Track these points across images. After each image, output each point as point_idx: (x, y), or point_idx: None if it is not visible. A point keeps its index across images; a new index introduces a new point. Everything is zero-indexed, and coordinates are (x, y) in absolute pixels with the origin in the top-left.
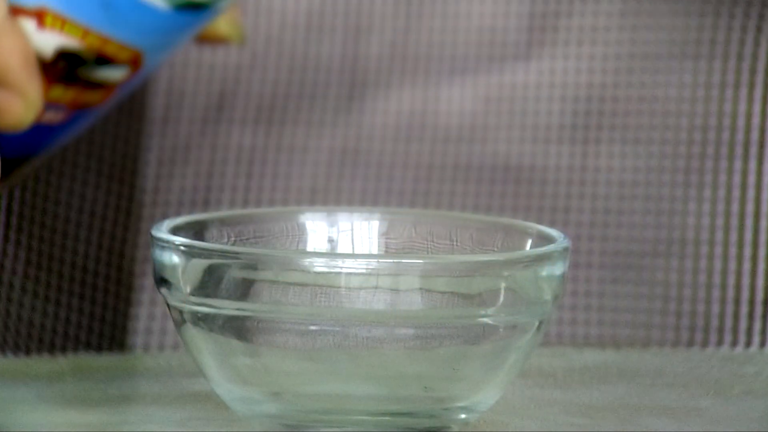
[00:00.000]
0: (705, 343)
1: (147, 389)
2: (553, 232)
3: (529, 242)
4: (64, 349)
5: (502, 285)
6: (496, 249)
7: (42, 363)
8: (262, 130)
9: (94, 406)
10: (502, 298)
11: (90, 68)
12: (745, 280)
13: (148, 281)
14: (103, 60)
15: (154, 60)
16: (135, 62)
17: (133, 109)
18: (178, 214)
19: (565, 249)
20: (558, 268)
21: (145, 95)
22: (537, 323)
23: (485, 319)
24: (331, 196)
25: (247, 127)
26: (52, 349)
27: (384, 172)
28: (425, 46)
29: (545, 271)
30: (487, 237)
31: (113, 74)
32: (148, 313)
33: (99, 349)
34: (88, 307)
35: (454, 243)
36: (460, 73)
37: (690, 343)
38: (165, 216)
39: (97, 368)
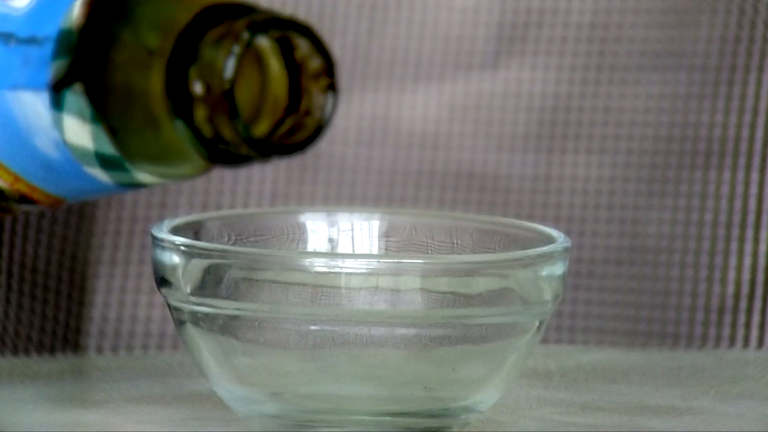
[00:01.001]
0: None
1: (147, 389)
2: (553, 232)
3: (529, 242)
4: (15, 349)
5: (503, 285)
6: (496, 249)
7: (41, 362)
8: None
9: (94, 406)
10: (502, 299)
11: (10, 202)
12: (702, 287)
13: (102, 283)
14: (26, 200)
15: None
16: (56, 204)
17: None
18: (132, 215)
19: (565, 249)
20: (558, 268)
21: None
22: (537, 323)
23: (485, 320)
24: (292, 201)
25: None
26: (2, 348)
27: (346, 176)
28: (389, 51)
29: (545, 271)
30: (487, 237)
31: (31, 209)
32: (101, 314)
33: (52, 350)
34: (40, 307)
35: (455, 243)
36: (425, 79)
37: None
38: (119, 218)
39: (97, 368)
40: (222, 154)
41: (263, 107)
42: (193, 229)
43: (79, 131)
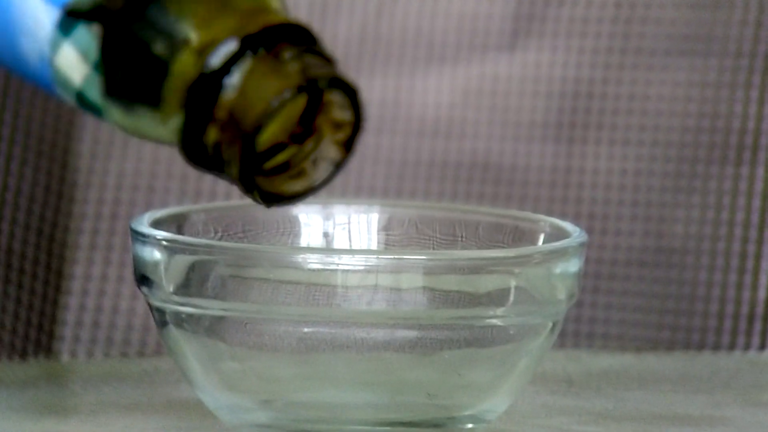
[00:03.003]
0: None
1: (126, 396)
2: (568, 225)
3: (542, 237)
4: None
5: (512, 283)
6: (505, 244)
7: (13, 368)
8: None
9: (70, 414)
10: (512, 298)
11: None
12: (731, 293)
13: (80, 269)
14: None
15: None
16: None
17: None
18: (116, 198)
19: (581, 244)
20: (573, 265)
21: None
22: (550, 325)
23: (494, 321)
24: None
25: None
26: None
27: (352, 166)
28: (399, 31)
29: (559, 268)
30: (496, 231)
31: None
32: (79, 303)
33: (26, 337)
34: (14, 291)
35: (460, 238)
36: (438, 61)
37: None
38: (100, 200)
39: (73, 374)
40: (202, 161)
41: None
42: (177, 223)
43: (74, 65)
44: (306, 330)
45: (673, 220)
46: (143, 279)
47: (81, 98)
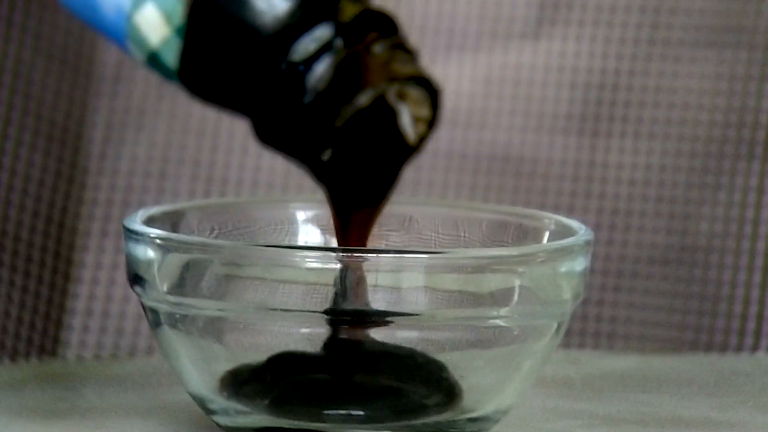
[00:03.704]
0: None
1: (118, 399)
2: (574, 222)
3: (547, 235)
4: None
5: (516, 282)
6: (509, 242)
7: (1, 370)
8: None
9: (60, 417)
10: (516, 298)
11: None
12: (755, 293)
13: (90, 257)
14: None
15: None
16: None
17: (80, 64)
18: (128, 184)
19: (587, 242)
20: (579, 264)
21: (94, 49)
22: (555, 325)
23: (497, 321)
24: (307, 178)
25: None
26: None
27: None
28: (419, 17)
29: (564, 267)
30: (499, 229)
31: None
32: (88, 292)
33: (32, 327)
34: (21, 280)
35: (462, 235)
36: (458, 49)
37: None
38: (112, 186)
39: (63, 375)
40: (274, 138)
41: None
42: (171, 220)
43: (154, 25)
44: (303, 331)
45: (698, 218)
46: (136, 278)
47: (154, 59)
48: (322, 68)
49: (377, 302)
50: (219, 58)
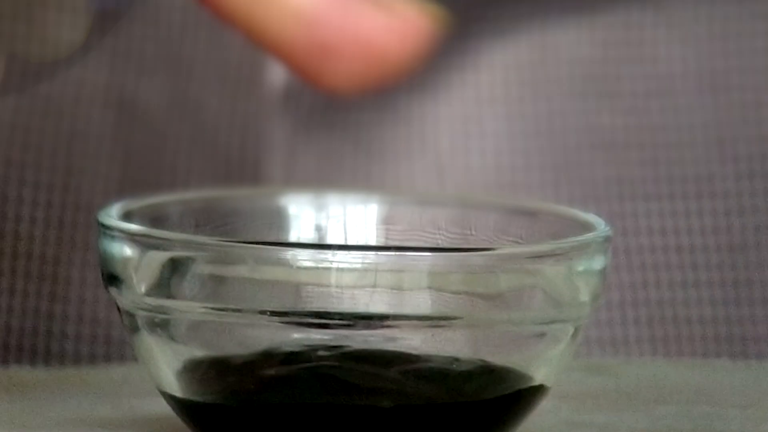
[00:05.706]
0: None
1: (93, 410)
2: (591, 217)
3: (562, 230)
4: None
5: (529, 283)
6: (521, 239)
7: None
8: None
9: (30, 430)
10: (528, 300)
11: None
12: None
13: (92, 255)
14: None
15: None
16: None
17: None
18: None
19: (607, 239)
20: (597, 263)
21: None
22: (572, 330)
23: (508, 326)
24: (306, 178)
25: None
26: None
27: None
28: None
29: (582, 266)
30: (510, 225)
31: None
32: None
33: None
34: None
35: (470, 231)
36: None
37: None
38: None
39: (34, 384)
40: None
41: None
42: (151, 215)
43: None
44: (295, 336)
45: (753, 211)
46: (111, 278)
47: None
48: None
49: (377, 305)
50: None
